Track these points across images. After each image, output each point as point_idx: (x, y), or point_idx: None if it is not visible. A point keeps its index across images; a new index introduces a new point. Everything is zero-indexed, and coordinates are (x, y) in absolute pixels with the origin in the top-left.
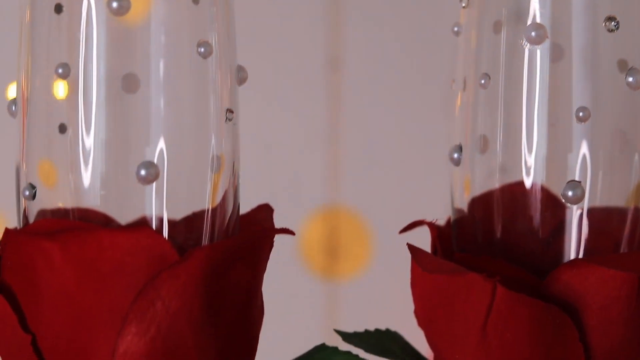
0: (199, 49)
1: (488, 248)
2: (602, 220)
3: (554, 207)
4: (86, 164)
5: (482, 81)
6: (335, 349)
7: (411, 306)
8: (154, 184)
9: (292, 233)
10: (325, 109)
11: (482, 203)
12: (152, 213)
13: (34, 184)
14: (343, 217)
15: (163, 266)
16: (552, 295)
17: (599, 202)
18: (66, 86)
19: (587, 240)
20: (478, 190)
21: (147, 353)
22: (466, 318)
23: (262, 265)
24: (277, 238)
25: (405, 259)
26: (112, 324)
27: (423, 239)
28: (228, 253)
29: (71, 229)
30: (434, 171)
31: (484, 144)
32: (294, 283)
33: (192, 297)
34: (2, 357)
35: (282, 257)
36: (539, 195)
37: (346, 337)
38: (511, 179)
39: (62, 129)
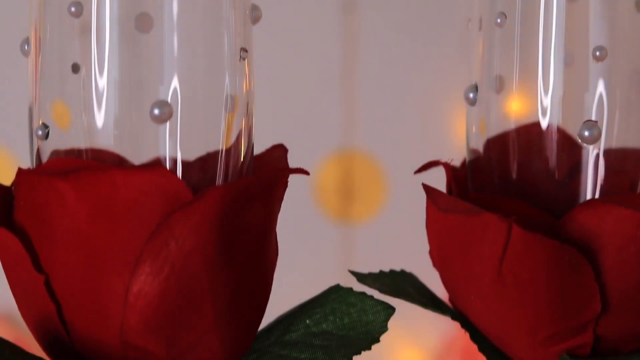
0: None
1: (503, 189)
2: (618, 160)
3: (570, 147)
4: (99, 103)
5: (498, 20)
6: (350, 289)
7: (426, 249)
8: (168, 123)
9: (306, 173)
10: (340, 50)
11: (497, 144)
12: (166, 153)
13: (47, 124)
14: (358, 160)
15: (177, 206)
16: (568, 236)
17: (615, 143)
18: (79, 25)
19: (604, 181)
20: (494, 131)
21: (160, 293)
22: (481, 258)
23: (276, 205)
24: (292, 181)
25: (420, 202)
26: (126, 264)
27: (438, 181)
28: (242, 193)
29: (84, 169)
30: (450, 114)
31: (500, 84)
32: (308, 226)
33: (206, 236)
34: (15, 297)
35: (297, 200)
36: (555, 136)
37: (361, 278)
38: (527, 119)
39: (75, 68)
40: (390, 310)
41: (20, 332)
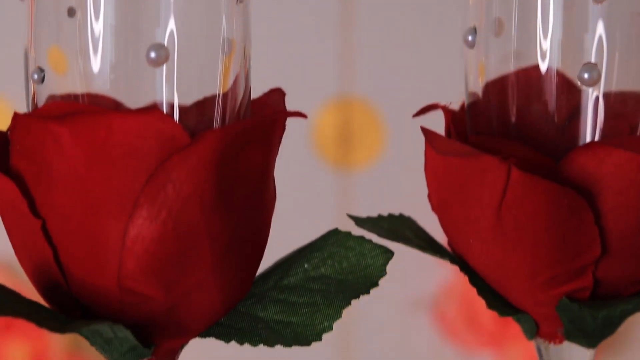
0: None
1: (502, 133)
2: (618, 103)
3: (569, 91)
4: (95, 47)
5: None
6: (348, 233)
7: (425, 195)
8: (164, 67)
9: (304, 116)
10: None
11: (496, 87)
12: (163, 98)
13: (42, 68)
14: (356, 107)
15: (174, 149)
16: (568, 179)
17: (615, 86)
18: None
19: (603, 124)
20: (493, 75)
21: (158, 237)
22: (480, 201)
23: (274, 149)
24: (290, 128)
25: (418, 148)
26: (123, 208)
27: (437, 126)
28: (239, 136)
29: (81, 112)
30: (449, 59)
31: (499, 27)
32: (306, 173)
33: (204, 180)
34: (12, 243)
35: (295, 147)
36: (554, 79)
37: (359, 222)
38: (526, 62)
39: (71, 12)
40: (389, 254)
41: (18, 280)
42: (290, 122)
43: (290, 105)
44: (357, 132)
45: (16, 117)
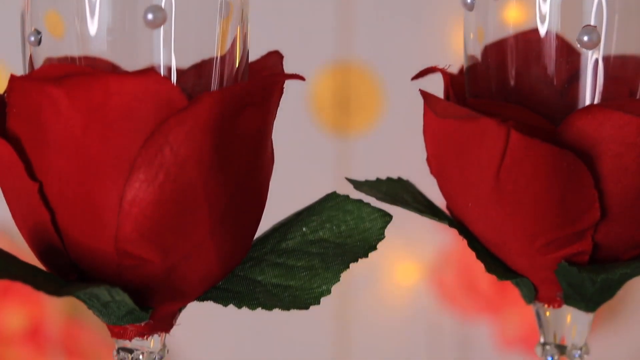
0: None
1: (501, 96)
2: (617, 67)
3: (568, 54)
4: (92, 10)
5: None
6: (347, 197)
7: (423, 160)
8: (162, 29)
9: (302, 78)
10: None
11: (495, 50)
12: (160, 60)
13: (39, 30)
14: (354, 71)
15: (171, 112)
16: (567, 142)
17: (614, 50)
18: None
19: (603, 88)
20: (492, 38)
21: (155, 200)
22: (479, 164)
23: (272, 111)
24: (288, 93)
25: (417, 113)
26: (120, 171)
27: (436, 91)
28: (237, 98)
29: (78, 75)
30: (447, 23)
31: None
32: (304, 138)
33: (201, 143)
34: (9, 207)
35: (293, 113)
36: (553, 42)
37: (358, 185)
38: (525, 26)
39: None
40: (388, 217)
41: (15, 246)
42: (288, 87)
43: (288, 70)
44: (355, 97)
45: (13, 79)
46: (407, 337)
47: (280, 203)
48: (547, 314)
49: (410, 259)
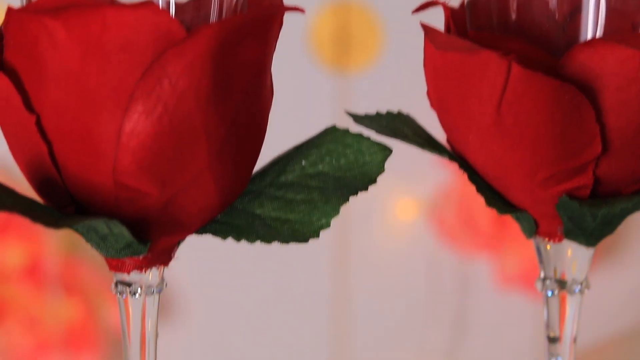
0: None
1: (503, 30)
2: (620, 1)
3: None
4: None
5: None
6: (346, 130)
7: (423, 98)
8: None
9: (302, 11)
10: None
11: None
12: None
13: None
14: (354, 9)
15: (170, 44)
16: (569, 76)
17: None
18: None
19: (605, 22)
20: None
21: (153, 132)
22: (480, 97)
23: (271, 43)
24: (288, 32)
25: (417, 50)
26: (118, 103)
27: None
28: (236, 30)
29: (75, 6)
30: None
31: None
32: (304, 76)
33: (200, 75)
34: (7, 139)
35: (293, 51)
36: None
37: (357, 119)
38: None
39: None
40: (387, 151)
41: (14, 180)
42: (287, 24)
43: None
44: (355, 34)
45: (10, 12)
46: (406, 274)
47: (280, 138)
48: (548, 248)
49: (410, 196)
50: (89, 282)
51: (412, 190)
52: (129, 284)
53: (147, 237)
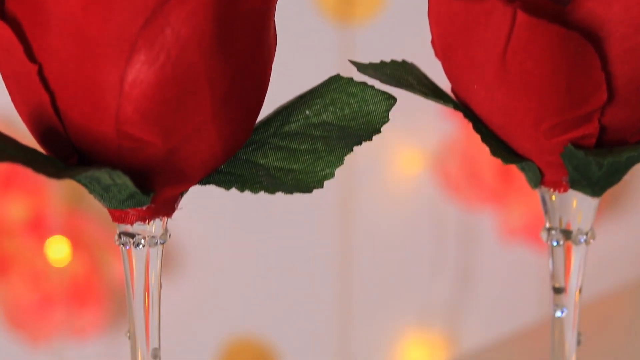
0: None
1: None
2: None
3: None
4: None
5: None
6: (350, 79)
7: (427, 47)
8: None
9: None
10: None
11: None
12: None
13: None
14: None
15: None
16: (575, 23)
17: None
18: None
19: None
20: None
21: (156, 81)
22: (485, 46)
23: None
24: None
25: (421, 1)
26: (120, 52)
27: None
28: None
29: None
30: None
31: None
32: (307, 29)
33: (202, 23)
34: (8, 90)
35: (296, 4)
36: None
37: (361, 68)
38: None
39: None
40: (392, 100)
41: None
42: None
43: None
44: None
45: None
46: (410, 226)
47: (283, 88)
48: (553, 198)
49: (414, 148)
50: (93, 236)
51: (416, 143)
52: (132, 235)
53: (150, 187)
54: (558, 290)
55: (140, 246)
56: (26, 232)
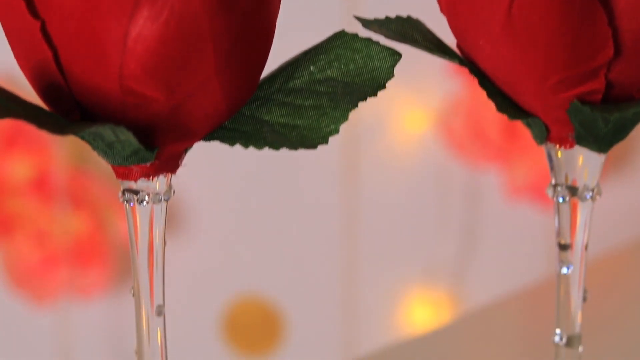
0: None
1: None
2: None
3: None
4: None
5: None
6: (355, 35)
7: (432, 2)
8: None
9: None
10: None
11: None
12: None
13: None
14: None
15: None
16: None
17: None
18: None
19: None
20: None
21: (159, 37)
22: (491, 0)
23: None
24: None
25: None
26: (123, 8)
27: None
28: None
29: None
30: None
31: None
32: None
33: None
34: (11, 46)
35: None
36: None
37: (366, 23)
38: None
39: None
40: (397, 56)
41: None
42: None
43: None
44: None
45: None
46: (415, 185)
47: (287, 44)
48: (559, 155)
49: (419, 107)
50: (97, 196)
51: (421, 101)
52: (136, 192)
53: (154, 144)
54: (564, 247)
55: (144, 203)
56: (30, 191)
